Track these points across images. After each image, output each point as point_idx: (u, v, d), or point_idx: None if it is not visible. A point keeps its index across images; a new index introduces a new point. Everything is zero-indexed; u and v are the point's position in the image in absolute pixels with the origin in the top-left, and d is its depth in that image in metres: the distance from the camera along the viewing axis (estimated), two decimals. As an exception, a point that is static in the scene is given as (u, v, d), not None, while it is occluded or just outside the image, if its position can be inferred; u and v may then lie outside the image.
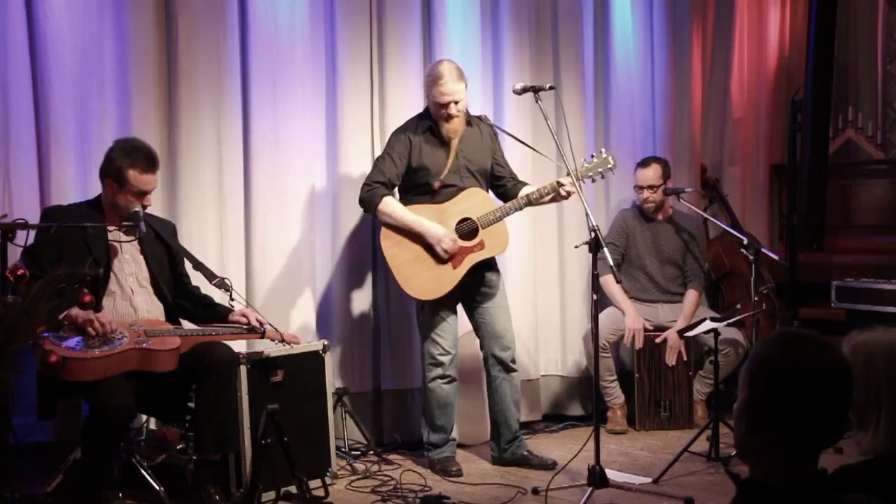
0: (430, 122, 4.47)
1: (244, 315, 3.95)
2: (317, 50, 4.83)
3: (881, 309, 5.18)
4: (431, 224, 4.39)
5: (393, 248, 4.41)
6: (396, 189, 4.52)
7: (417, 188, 4.47)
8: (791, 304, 5.57)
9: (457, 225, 4.42)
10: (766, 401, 1.70)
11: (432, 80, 4.40)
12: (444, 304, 4.48)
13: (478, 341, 4.65)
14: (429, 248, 4.39)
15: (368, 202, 4.41)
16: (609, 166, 4.50)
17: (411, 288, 4.40)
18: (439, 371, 4.50)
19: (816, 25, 5.83)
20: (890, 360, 2.06)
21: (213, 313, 4.01)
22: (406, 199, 4.47)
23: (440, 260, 4.39)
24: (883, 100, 6.56)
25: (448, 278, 4.41)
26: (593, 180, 4.60)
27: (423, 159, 4.44)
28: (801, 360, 1.69)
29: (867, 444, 2.07)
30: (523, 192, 4.52)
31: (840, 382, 1.70)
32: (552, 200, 4.49)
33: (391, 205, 4.40)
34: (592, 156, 4.55)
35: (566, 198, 4.45)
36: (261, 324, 3.94)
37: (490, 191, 4.62)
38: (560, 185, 4.37)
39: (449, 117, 4.42)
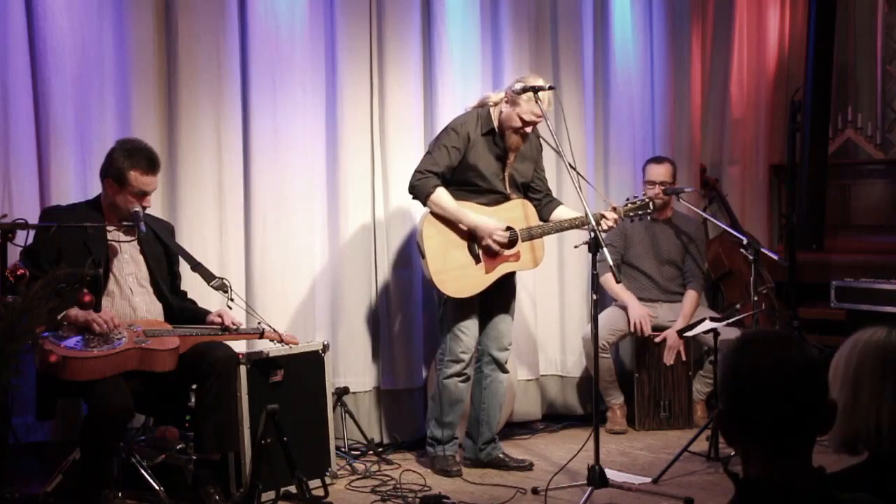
0: (492, 125, 4.41)
1: (220, 315, 3.93)
2: (317, 50, 4.83)
3: (881, 309, 5.18)
4: (483, 217, 4.34)
5: (433, 239, 4.35)
6: None
7: (461, 185, 4.40)
8: (791, 304, 5.57)
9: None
10: (735, 412, 1.70)
11: (528, 98, 4.28)
12: (470, 302, 4.44)
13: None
14: (470, 246, 4.36)
15: (420, 190, 4.32)
16: (649, 211, 4.54)
17: (441, 282, 4.34)
18: (457, 368, 4.47)
19: (816, 25, 5.84)
20: (854, 350, 2.01)
21: (191, 314, 3.99)
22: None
23: (477, 260, 4.36)
24: (882, 100, 6.56)
25: (479, 281, 4.39)
26: (632, 220, 4.60)
27: (477, 160, 4.39)
28: (754, 368, 1.68)
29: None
30: (566, 215, 4.51)
31: (800, 378, 1.67)
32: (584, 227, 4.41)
33: (443, 196, 4.32)
34: (636, 196, 4.62)
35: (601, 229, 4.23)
36: (235, 325, 3.93)
37: None
38: (603, 217, 4.32)
39: (524, 135, 4.39)
